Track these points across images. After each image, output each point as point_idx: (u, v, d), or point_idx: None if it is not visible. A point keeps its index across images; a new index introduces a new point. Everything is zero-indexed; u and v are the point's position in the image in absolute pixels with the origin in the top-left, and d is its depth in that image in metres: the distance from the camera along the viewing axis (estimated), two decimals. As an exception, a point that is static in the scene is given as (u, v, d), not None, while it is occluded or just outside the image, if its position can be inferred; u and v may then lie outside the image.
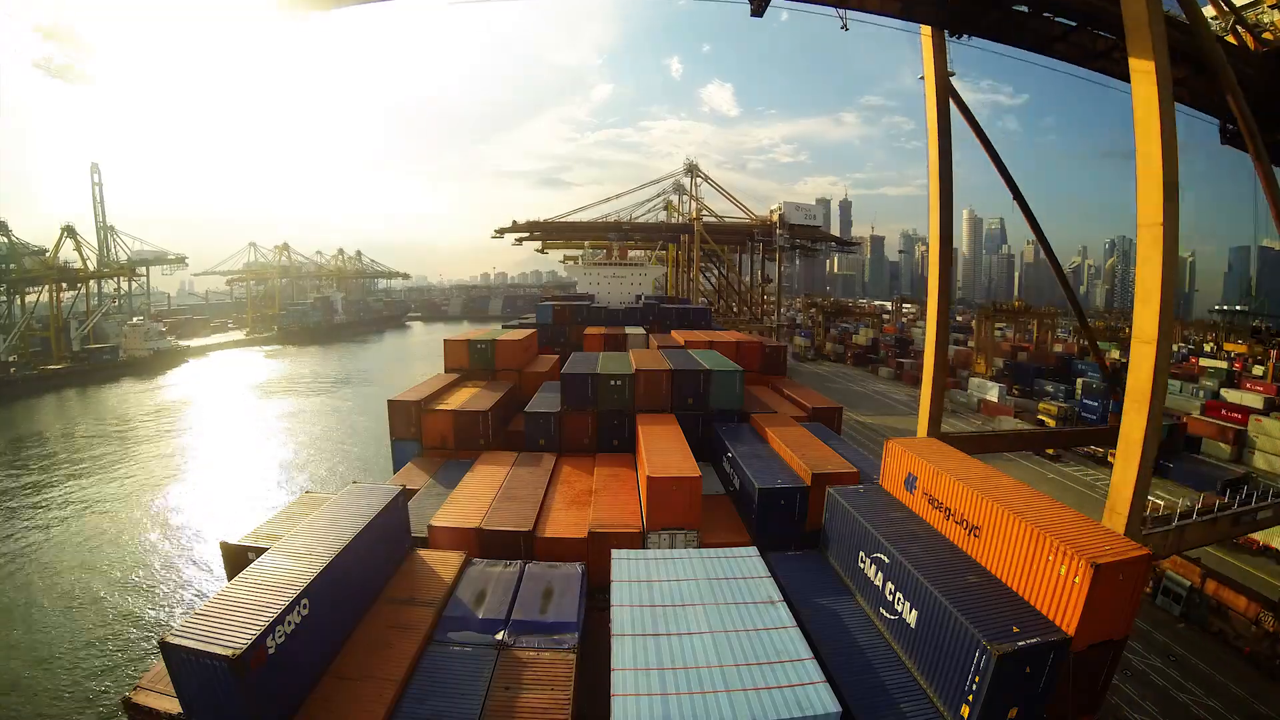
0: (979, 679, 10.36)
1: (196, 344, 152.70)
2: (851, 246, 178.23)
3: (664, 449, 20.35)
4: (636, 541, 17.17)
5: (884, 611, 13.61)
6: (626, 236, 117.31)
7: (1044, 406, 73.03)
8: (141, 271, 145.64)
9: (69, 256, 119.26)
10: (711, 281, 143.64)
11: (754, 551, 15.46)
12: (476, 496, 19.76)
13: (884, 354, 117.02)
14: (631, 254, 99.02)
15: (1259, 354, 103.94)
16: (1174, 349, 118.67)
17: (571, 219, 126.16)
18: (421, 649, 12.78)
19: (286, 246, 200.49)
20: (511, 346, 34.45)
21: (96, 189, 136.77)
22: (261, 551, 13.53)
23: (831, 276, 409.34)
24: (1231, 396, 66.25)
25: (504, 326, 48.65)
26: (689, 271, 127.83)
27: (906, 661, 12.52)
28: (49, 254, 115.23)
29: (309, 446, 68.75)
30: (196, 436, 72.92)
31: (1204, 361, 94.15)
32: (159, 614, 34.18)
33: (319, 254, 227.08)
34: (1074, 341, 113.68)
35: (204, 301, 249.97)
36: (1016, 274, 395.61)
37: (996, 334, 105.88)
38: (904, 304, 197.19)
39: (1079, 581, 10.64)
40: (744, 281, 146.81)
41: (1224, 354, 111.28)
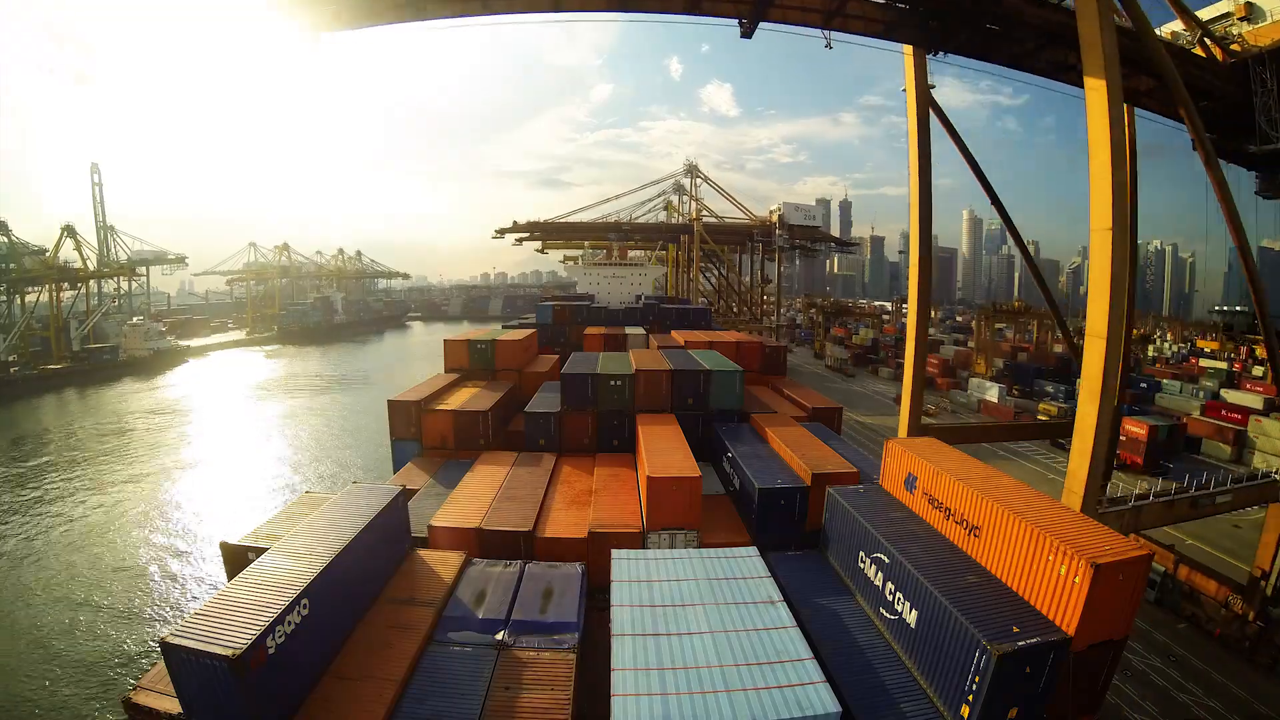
0: (979, 679, 10.36)
1: (196, 344, 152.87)
2: (851, 247, 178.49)
3: (664, 449, 20.33)
4: (636, 541, 17.16)
5: (884, 611, 13.60)
6: (626, 237, 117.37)
7: (1044, 407, 72.95)
8: (141, 271, 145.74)
9: (69, 256, 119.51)
10: (711, 282, 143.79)
11: (754, 551, 15.45)
12: (476, 496, 19.74)
13: (884, 354, 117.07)
14: (631, 254, 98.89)
15: (1230, 350, 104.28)
16: (1174, 349, 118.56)
17: (572, 219, 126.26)
18: (421, 649, 12.77)
19: (286, 246, 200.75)
20: (511, 346, 34.43)
21: (96, 189, 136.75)
22: (261, 551, 13.52)
23: (831, 277, 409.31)
24: (1231, 397, 66.29)
25: (504, 326, 48.57)
26: (689, 271, 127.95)
27: (906, 661, 12.51)
28: (49, 254, 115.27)
29: (309, 446, 68.75)
30: (196, 436, 72.93)
31: (1204, 362, 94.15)
32: (159, 614, 34.18)
33: (319, 254, 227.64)
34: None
35: (204, 301, 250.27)
36: (1016, 274, 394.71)
37: (996, 334, 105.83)
38: (904, 304, 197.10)
39: (1079, 581, 10.63)
40: (744, 282, 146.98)
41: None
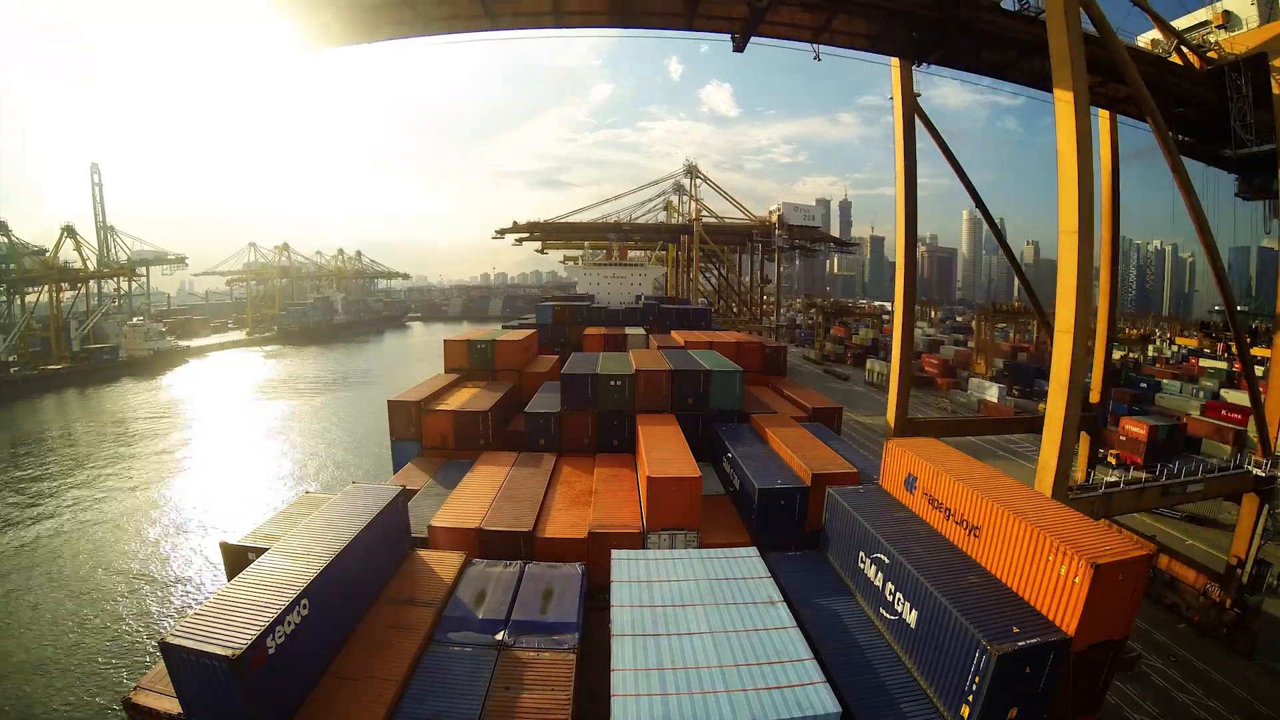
0: (979, 679, 10.35)
1: (196, 344, 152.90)
2: (851, 247, 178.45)
3: (664, 449, 20.33)
4: (636, 542, 17.15)
5: (884, 612, 13.60)
6: (626, 237, 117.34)
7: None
8: (141, 271, 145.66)
9: (69, 256, 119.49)
10: (711, 282, 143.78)
11: (754, 552, 15.44)
12: (476, 497, 19.73)
13: (884, 354, 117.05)
14: (631, 254, 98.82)
15: (1209, 347, 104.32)
16: (1174, 349, 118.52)
17: (572, 219, 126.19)
18: (421, 649, 12.76)
19: (286, 246, 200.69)
20: (511, 347, 34.43)
21: (96, 189, 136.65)
22: (261, 552, 13.51)
23: (832, 276, 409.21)
24: (1231, 397, 66.18)
25: (504, 327, 48.55)
26: (689, 272, 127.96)
27: (906, 661, 12.51)
28: (49, 254, 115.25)
29: (309, 447, 68.76)
30: (196, 437, 72.92)
31: (1204, 362, 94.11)
32: (158, 614, 34.17)
33: (319, 254, 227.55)
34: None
35: (204, 302, 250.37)
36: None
37: (996, 334, 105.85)
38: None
39: (1079, 581, 10.63)
40: (743, 282, 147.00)
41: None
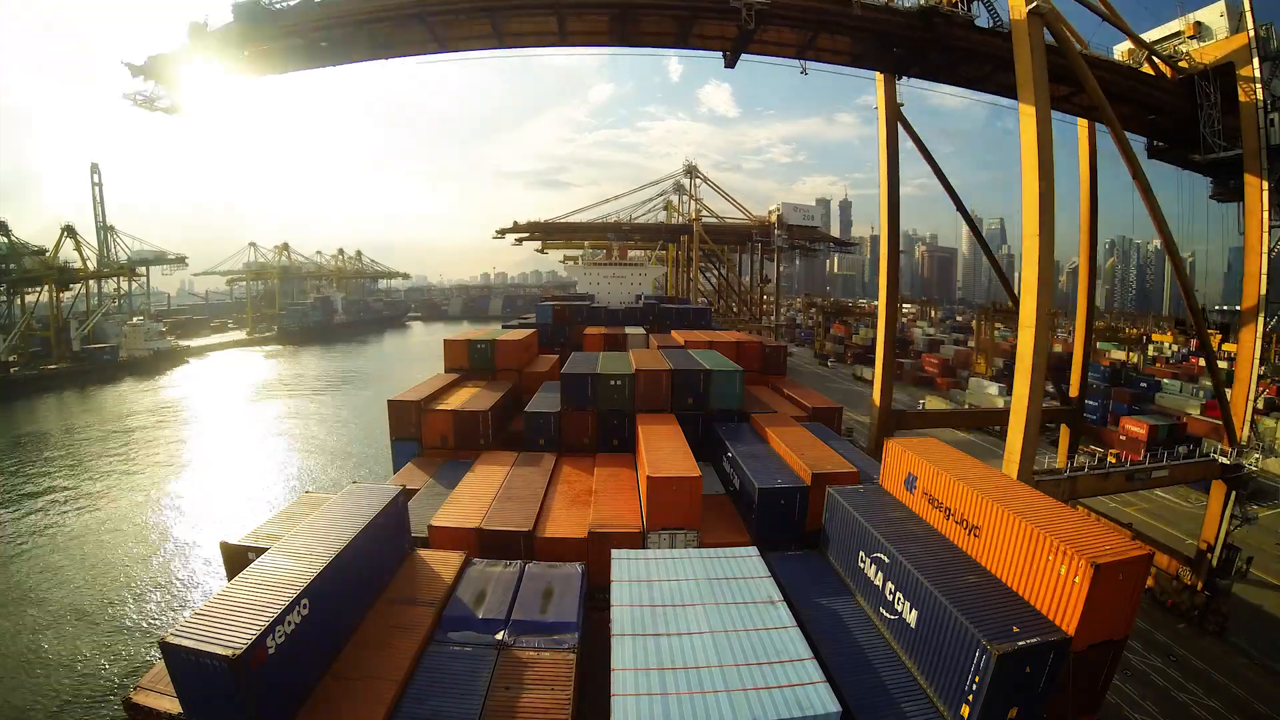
0: (979, 679, 10.35)
1: (196, 344, 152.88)
2: (850, 246, 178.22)
3: (664, 449, 20.33)
4: (636, 541, 17.15)
5: (884, 611, 13.59)
6: (626, 237, 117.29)
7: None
8: (141, 271, 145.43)
9: (69, 256, 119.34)
10: (711, 282, 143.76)
11: (754, 551, 15.44)
12: (476, 496, 19.74)
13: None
14: (631, 254, 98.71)
15: (1182, 344, 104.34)
16: (1176, 349, 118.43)
17: (571, 219, 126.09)
18: (421, 649, 12.76)
19: (286, 246, 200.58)
20: (511, 346, 34.42)
21: (96, 189, 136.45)
22: (261, 551, 13.50)
23: (832, 276, 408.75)
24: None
25: (504, 326, 48.53)
26: (689, 271, 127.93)
27: (906, 661, 12.51)
28: (49, 254, 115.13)
29: (309, 446, 68.74)
30: (196, 437, 72.94)
31: (1204, 362, 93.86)
32: (158, 614, 34.16)
33: (319, 254, 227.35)
34: (1073, 341, 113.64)
35: (204, 301, 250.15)
36: (1016, 274, 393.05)
37: (996, 334, 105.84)
38: (904, 304, 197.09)
39: (1079, 581, 10.63)
40: (743, 282, 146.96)
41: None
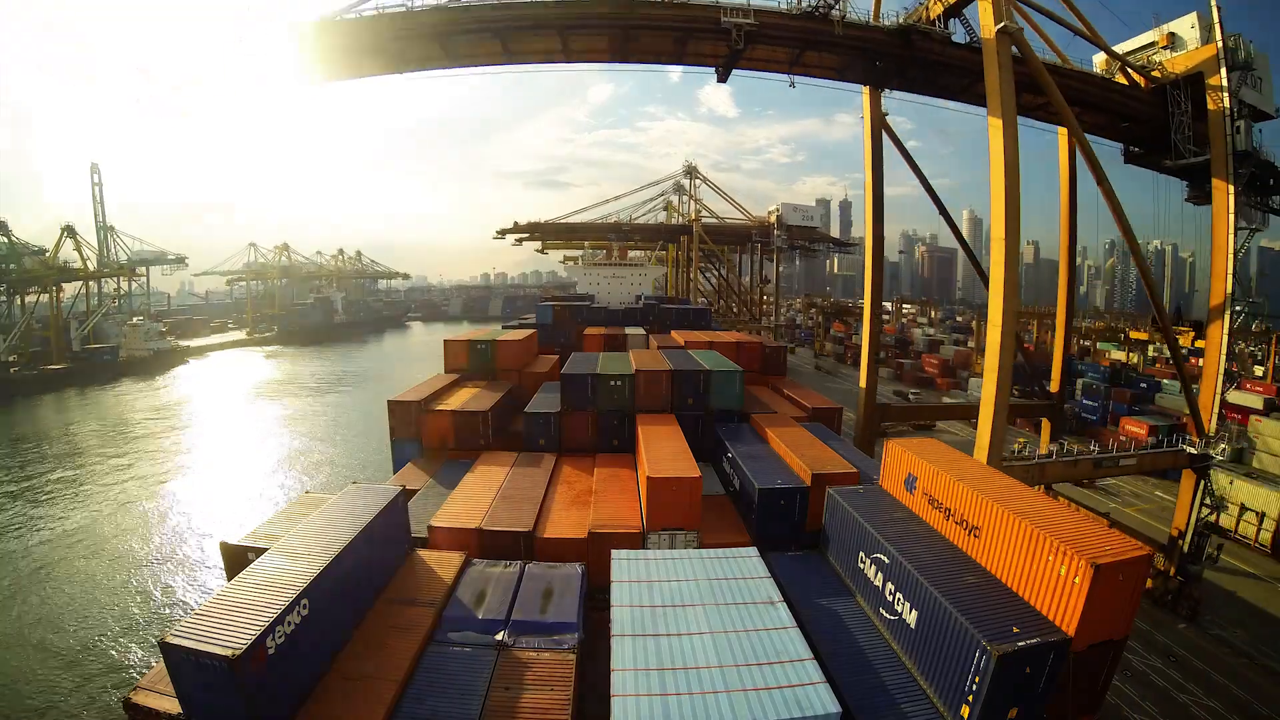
0: (979, 679, 10.35)
1: (196, 344, 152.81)
2: (850, 247, 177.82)
3: (664, 449, 20.34)
4: (636, 542, 17.15)
5: (884, 612, 13.60)
6: (626, 237, 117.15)
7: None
8: (141, 271, 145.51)
9: (69, 256, 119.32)
10: (711, 282, 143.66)
11: (754, 552, 15.44)
12: (476, 497, 19.74)
13: (884, 354, 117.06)
14: (631, 254, 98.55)
15: (1158, 340, 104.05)
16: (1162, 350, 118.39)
17: (571, 220, 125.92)
18: (421, 649, 12.77)
19: (286, 246, 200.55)
20: (511, 347, 34.41)
21: (96, 189, 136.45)
22: (261, 551, 13.52)
23: (832, 276, 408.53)
24: (1232, 397, 65.99)
25: (504, 327, 48.48)
26: (688, 272, 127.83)
27: (906, 662, 12.51)
28: (49, 254, 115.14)
29: (309, 447, 68.73)
30: (196, 437, 72.92)
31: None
32: (158, 614, 34.15)
33: (319, 254, 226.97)
34: (1074, 341, 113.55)
35: (204, 301, 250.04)
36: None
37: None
38: (904, 304, 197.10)
39: (1079, 582, 10.63)
40: (743, 282, 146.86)
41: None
